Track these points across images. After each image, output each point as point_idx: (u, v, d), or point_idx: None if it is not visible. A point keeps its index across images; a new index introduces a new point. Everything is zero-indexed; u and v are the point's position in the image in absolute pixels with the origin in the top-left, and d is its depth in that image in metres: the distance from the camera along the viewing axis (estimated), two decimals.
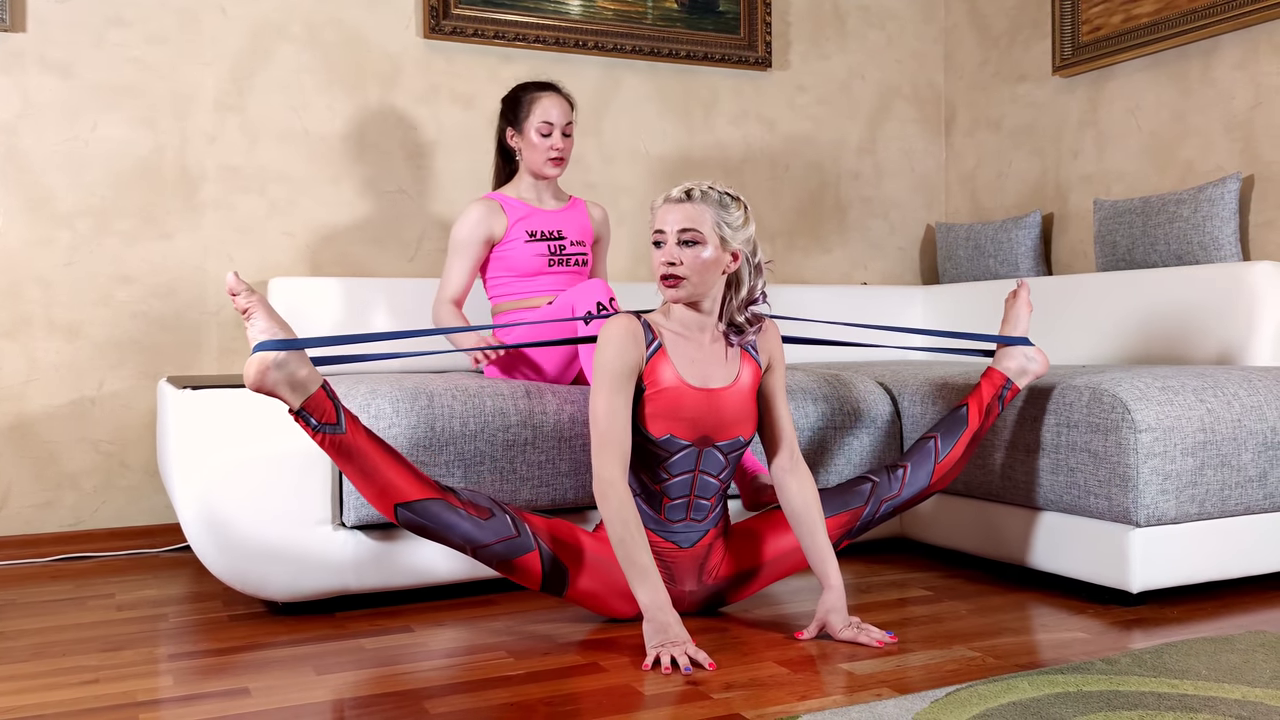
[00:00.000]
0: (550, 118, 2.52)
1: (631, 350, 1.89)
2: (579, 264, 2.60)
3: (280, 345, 1.74)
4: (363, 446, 1.81)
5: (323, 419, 1.78)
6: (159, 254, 2.94)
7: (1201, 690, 1.59)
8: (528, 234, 2.53)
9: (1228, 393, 2.17)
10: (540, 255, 2.53)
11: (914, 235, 3.94)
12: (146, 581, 2.50)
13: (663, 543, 1.97)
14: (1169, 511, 2.07)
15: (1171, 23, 3.10)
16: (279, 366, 1.74)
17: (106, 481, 2.90)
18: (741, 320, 1.97)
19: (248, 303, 1.75)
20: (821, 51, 3.77)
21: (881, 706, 1.53)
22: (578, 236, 2.61)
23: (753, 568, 2.08)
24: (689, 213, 1.89)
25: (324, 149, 3.11)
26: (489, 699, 1.62)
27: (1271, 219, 2.90)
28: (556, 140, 2.54)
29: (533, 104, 2.54)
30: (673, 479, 1.94)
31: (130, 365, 2.92)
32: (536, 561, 1.90)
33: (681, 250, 1.88)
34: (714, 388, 1.94)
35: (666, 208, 1.91)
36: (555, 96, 2.56)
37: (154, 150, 2.94)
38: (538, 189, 2.61)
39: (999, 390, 2.21)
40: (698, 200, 1.89)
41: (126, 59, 2.91)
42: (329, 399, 1.79)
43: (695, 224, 1.88)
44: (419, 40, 3.21)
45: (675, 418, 1.91)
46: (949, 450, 2.16)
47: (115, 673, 1.78)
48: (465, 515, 1.86)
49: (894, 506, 2.13)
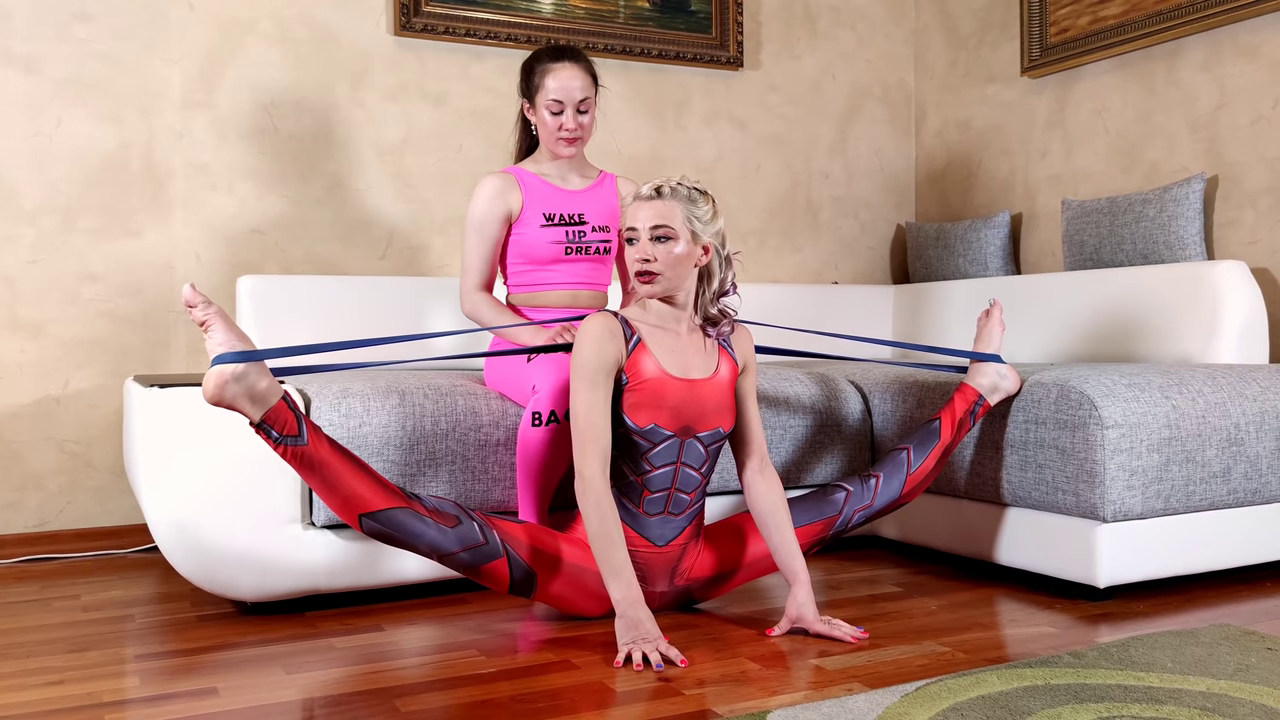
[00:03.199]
0: (560, 94, 2.24)
1: (609, 346, 1.89)
2: (601, 253, 2.34)
3: (239, 357, 1.71)
4: (325, 457, 1.78)
5: (284, 431, 1.75)
6: (126, 252, 2.91)
7: (1167, 682, 1.61)
8: (544, 217, 2.28)
9: (1192, 390, 2.20)
10: (557, 242, 2.28)
11: (884, 235, 3.96)
12: (113, 582, 2.47)
13: (638, 539, 1.97)
14: (1135, 507, 2.10)
15: (1137, 25, 3.14)
16: (238, 379, 1.70)
17: (72, 482, 2.86)
18: (715, 312, 2.00)
19: (205, 315, 1.72)
20: (793, 52, 3.78)
21: (852, 701, 1.54)
22: (601, 221, 2.33)
23: (728, 571, 2.09)
24: (660, 209, 1.90)
25: (293, 146, 3.08)
26: (460, 697, 1.61)
27: (1235, 219, 2.95)
28: (568, 119, 2.26)
29: (544, 76, 2.26)
30: (655, 470, 1.94)
31: (96, 364, 2.88)
32: (505, 567, 1.89)
33: (655, 246, 1.90)
34: (695, 378, 1.95)
35: (637, 205, 1.92)
36: (570, 69, 2.26)
37: (120, 147, 2.91)
38: (559, 165, 2.34)
39: (971, 406, 2.24)
40: (668, 196, 1.91)
41: (92, 54, 2.88)
42: (290, 410, 1.76)
43: (666, 219, 1.89)
44: (389, 37, 3.19)
45: (659, 407, 1.92)
46: (921, 463, 2.19)
47: (81, 674, 1.76)
48: (431, 523, 1.84)
49: (866, 516, 2.16)
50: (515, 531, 1.93)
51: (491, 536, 1.88)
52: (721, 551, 2.08)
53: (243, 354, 1.72)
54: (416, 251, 3.23)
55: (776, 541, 1.98)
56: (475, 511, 1.92)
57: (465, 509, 1.90)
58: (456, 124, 3.27)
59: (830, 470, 2.56)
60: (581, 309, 2.34)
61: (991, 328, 2.31)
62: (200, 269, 2.98)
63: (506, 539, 1.90)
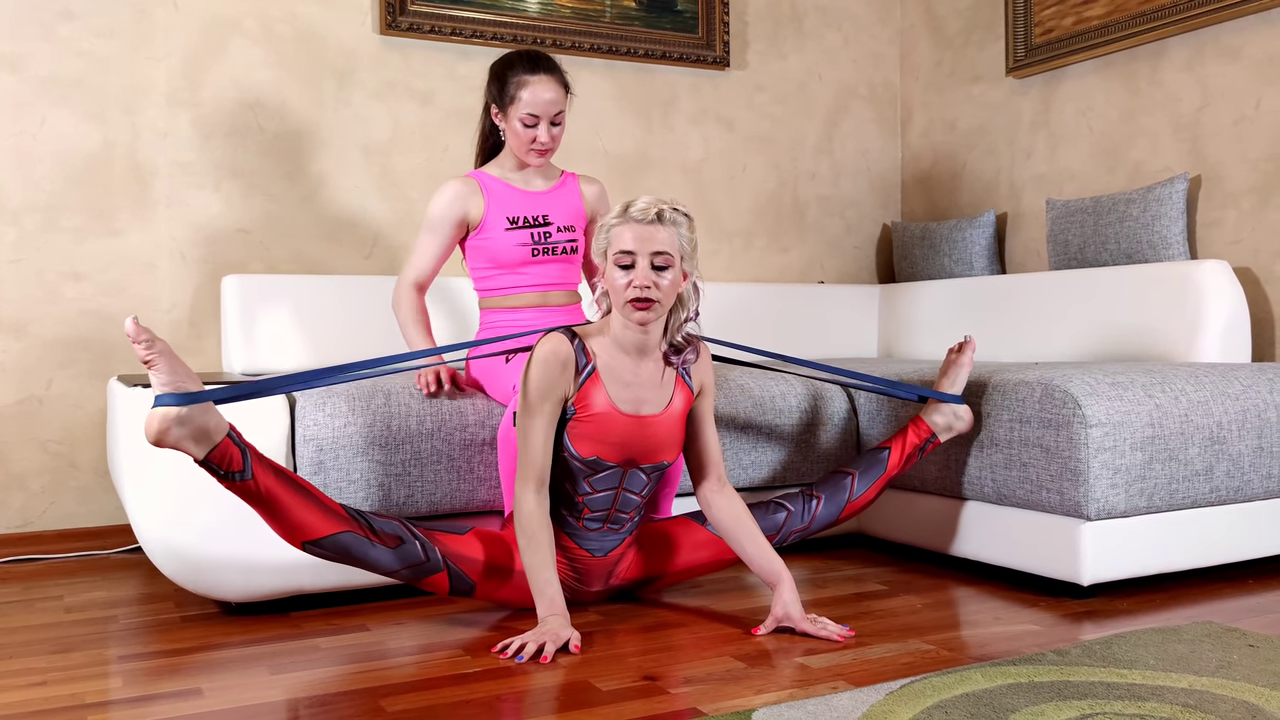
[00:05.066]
0: (535, 108, 2.22)
1: (559, 378, 1.86)
2: (568, 252, 2.33)
3: (183, 400, 1.64)
4: (270, 489, 1.75)
5: (229, 468, 1.71)
6: (109, 251, 2.89)
7: (1149, 679, 1.62)
8: (508, 220, 2.28)
9: (1175, 388, 2.21)
10: (523, 245, 2.28)
11: (870, 234, 3.97)
12: (96, 583, 2.46)
13: (577, 549, 2.01)
14: (1119, 505, 2.11)
15: (1121, 25, 3.16)
16: (182, 422, 1.65)
17: (55, 482, 2.85)
18: (680, 340, 1.95)
19: (149, 354, 1.63)
20: (779, 51, 3.79)
21: (837, 699, 1.54)
22: (566, 221, 2.33)
23: (660, 574, 2.14)
24: (663, 235, 1.82)
25: (279, 145, 3.07)
26: (446, 697, 1.61)
27: (1218, 218, 2.97)
28: (542, 133, 2.24)
29: (519, 88, 2.23)
30: (595, 494, 1.96)
31: (80, 364, 2.86)
32: (445, 579, 1.93)
33: (655, 274, 1.82)
34: (645, 414, 1.92)
35: (636, 227, 1.83)
36: (545, 82, 2.23)
37: (104, 145, 2.89)
38: (523, 170, 2.34)
39: (923, 442, 2.25)
40: (668, 222, 1.83)
41: (76, 52, 2.86)
42: (235, 446, 1.72)
43: (668, 247, 1.82)
44: (375, 36, 3.19)
45: (603, 441, 1.91)
46: (864, 490, 2.21)
47: (64, 674, 1.75)
48: (373, 545, 1.84)
49: (801, 537, 2.19)
50: (462, 547, 1.94)
51: (433, 553, 1.90)
52: (650, 560, 2.12)
53: (187, 396, 1.65)
54: (402, 251, 3.22)
55: (751, 551, 1.98)
56: (419, 529, 1.92)
57: (409, 527, 1.90)
58: (443, 123, 3.26)
59: (817, 469, 2.56)
60: (553, 308, 2.34)
61: (961, 366, 2.26)
62: (185, 268, 2.97)
63: (450, 555, 1.92)
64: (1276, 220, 2.83)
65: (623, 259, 1.83)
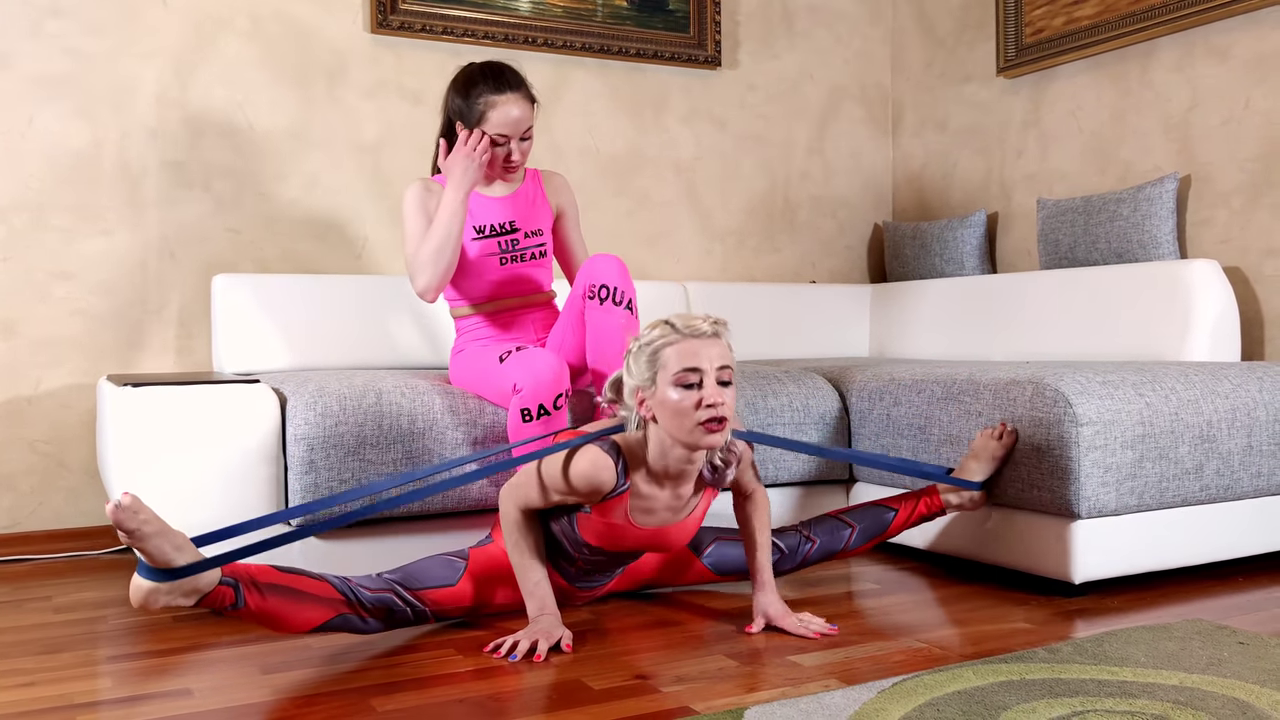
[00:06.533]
0: (506, 129, 2.18)
1: (586, 494, 1.78)
2: (538, 256, 2.32)
3: (172, 576, 1.55)
4: (263, 608, 1.70)
5: (222, 605, 1.66)
6: (99, 250, 2.88)
7: (1140, 677, 1.62)
8: (474, 230, 2.27)
9: (1165, 387, 2.21)
10: (490, 255, 2.26)
11: (862, 234, 3.98)
12: (85, 584, 2.44)
13: (563, 583, 2.00)
14: (1109, 504, 2.11)
15: (1111, 25, 3.17)
16: (169, 591, 1.57)
17: (44, 482, 2.83)
18: (720, 460, 1.85)
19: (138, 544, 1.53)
20: (771, 51, 3.79)
21: (829, 697, 1.54)
22: (533, 225, 2.30)
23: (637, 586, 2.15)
24: (723, 349, 1.72)
25: (269, 144, 3.06)
26: (437, 696, 1.60)
27: (1207, 218, 2.98)
28: (514, 151, 2.21)
29: (488, 108, 2.18)
30: (596, 558, 1.94)
31: (69, 364, 2.85)
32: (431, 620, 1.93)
33: (722, 390, 1.71)
34: (663, 526, 1.88)
35: (695, 343, 1.71)
36: (514, 100, 2.18)
37: (92, 144, 2.88)
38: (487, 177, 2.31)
39: (932, 513, 2.22)
40: (724, 334, 1.75)
41: (64, 49, 2.85)
42: (228, 587, 1.66)
43: (730, 361, 1.73)
44: (366, 35, 3.18)
45: (614, 541, 1.88)
46: (859, 546, 2.19)
47: (53, 675, 1.74)
48: (364, 620, 1.80)
49: (783, 573, 2.17)
50: (453, 599, 1.92)
51: (422, 612, 1.89)
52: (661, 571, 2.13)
53: (175, 572, 1.55)
54: (393, 251, 3.21)
55: (753, 557, 1.98)
56: (409, 591, 1.87)
57: (398, 593, 1.85)
58: (434, 123, 3.25)
59: (807, 467, 2.56)
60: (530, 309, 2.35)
61: (993, 458, 2.16)
62: (174, 267, 2.96)
63: (441, 610, 1.91)
64: (1265, 220, 2.85)
65: (686, 378, 1.70)
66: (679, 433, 1.72)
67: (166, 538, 1.55)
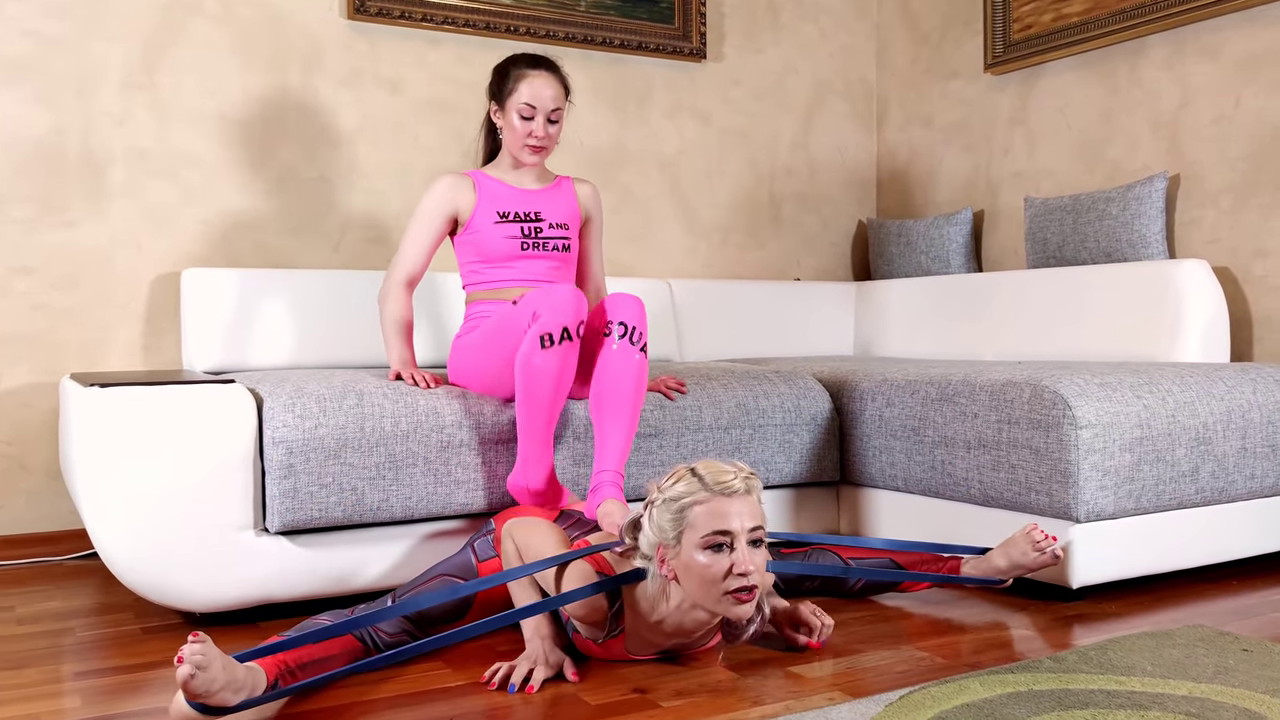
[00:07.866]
0: (534, 100, 2.25)
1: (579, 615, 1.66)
2: (560, 249, 2.33)
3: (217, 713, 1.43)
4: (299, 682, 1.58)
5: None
6: (61, 243, 2.77)
7: (1149, 687, 1.59)
8: (498, 214, 2.29)
9: (1162, 389, 2.19)
10: (512, 238, 2.28)
11: (846, 231, 3.94)
12: (49, 593, 2.34)
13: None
14: (1107, 507, 2.08)
15: (1100, 22, 3.14)
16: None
17: (4, 485, 2.72)
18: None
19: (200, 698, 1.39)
20: (756, 44, 3.74)
21: (835, 711, 1.49)
22: (560, 219, 2.34)
23: None
24: (754, 507, 1.58)
25: (241, 133, 2.96)
26: (427, 712, 1.53)
27: (1196, 217, 2.96)
28: (538, 127, 2.27)
29: (518, 81, 2.26)
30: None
31: (30, 361, 2.74)
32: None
33: (754, 553, 1.57)
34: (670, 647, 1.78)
35: (730, 501, 1.56)
36: (545, 77, 2.27)
37: (54, 131, 2.76)
38: (518, 171, 2.36)
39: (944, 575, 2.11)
40: (755, 488, 1.60)
41: (23, 31, 2.73)
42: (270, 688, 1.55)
43: (762, 519, 1.59)
44: (342, 21, 3.08)
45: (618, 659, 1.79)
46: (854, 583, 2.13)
47: (17, 693, 1.65)
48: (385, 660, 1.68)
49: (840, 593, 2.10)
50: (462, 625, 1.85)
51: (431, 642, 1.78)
52: None
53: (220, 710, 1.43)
54: (371, 244, 3.12)
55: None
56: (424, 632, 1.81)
57: (413, 631, 1.79)
58: (412, 113, 3.16)
59: (799, 469, 2.52)
60: None
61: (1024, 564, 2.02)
62: (142, 261, 2.85)
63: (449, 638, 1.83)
64: (1254, 220, 2.83)
65: (715, 539, 1.55)
66: (704, 600, 1.57)
67: (230, 688, 1.41)
